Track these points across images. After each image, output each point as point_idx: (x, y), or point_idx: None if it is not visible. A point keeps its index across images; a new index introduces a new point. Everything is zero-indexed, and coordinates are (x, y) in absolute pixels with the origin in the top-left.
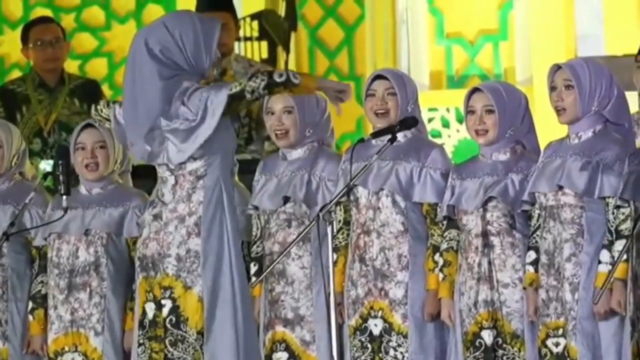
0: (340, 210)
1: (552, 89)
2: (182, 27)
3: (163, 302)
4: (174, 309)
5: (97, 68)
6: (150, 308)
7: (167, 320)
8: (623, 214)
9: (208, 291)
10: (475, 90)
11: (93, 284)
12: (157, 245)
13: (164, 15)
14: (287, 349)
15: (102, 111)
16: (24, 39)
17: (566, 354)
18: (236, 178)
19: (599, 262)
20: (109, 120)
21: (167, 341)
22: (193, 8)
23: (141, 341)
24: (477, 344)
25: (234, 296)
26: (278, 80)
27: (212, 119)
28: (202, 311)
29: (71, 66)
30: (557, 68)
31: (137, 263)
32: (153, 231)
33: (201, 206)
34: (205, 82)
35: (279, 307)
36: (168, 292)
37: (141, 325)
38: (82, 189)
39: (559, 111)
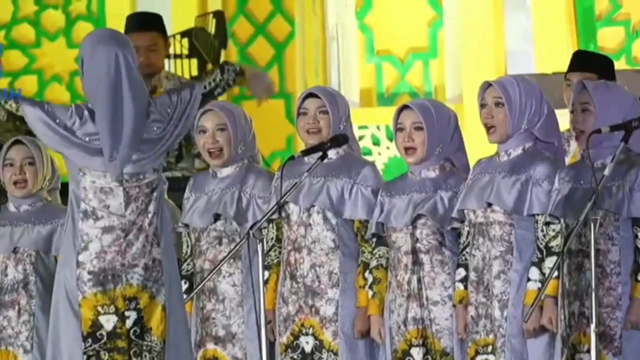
0: (273, 228)
1: (482, 106)
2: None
3: (127, 313)
4: (139, 320)
5: (27, 85)
6: (108, 320)
7: (132, 331)
8: (553, 230)
9: (169, 300)
10: (404, 107)
11: (22, 301)
12: (118, 257)
13: (113, 30)
14: None
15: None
16: None
17: None
18: (165, 196)
19: (528, 280)
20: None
21: (131, 352)
22: (123, 24)
23: (90, 353)
24: None
25: (184, 305)
26: (235, 72)
27: (187, 120)
28: (166, 320)
29: (1, 83)
30: (487, 85)
31: (85, 277)
32: (108, 243)
33: (156, 217)
34: None
35: (210, 324)
36: (133, 303)
37: (91, 337)
38: (11, 207)
39: (488, 129)
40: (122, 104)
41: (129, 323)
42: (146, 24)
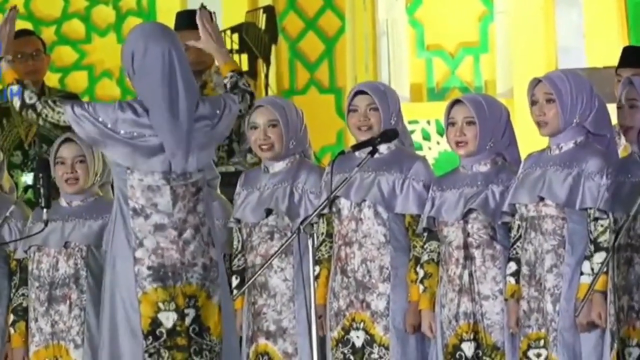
0: (323, 222)
1: (533, 102)
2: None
3: (186, 311)
4: (197, 318)
5: (78, 81)
6: (168, 317)
7: (191, 329)
8: (602, 225)
9: (225, 300)
10: (456, 101)
11: (73, 296)
12: (177, 254)
13: (160, 24)
14: None
15: (47, 116)
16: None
17: None
18: (218, 190)
19: (581, 274)
20: (52, 123)
21: (191, 350)
22: (172, 23)
23: (152, 351)
24: (457, 356)
25: (232, 304)
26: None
27: (228, 125)
28: (221, 321)
29: (51, 79)
30: (537, 82)
31: (144, 272)
32: (164, 240)
33: (207, 218)
34: None
35: (261, 319)
36: (192, 301)
37: (151, 334)
38: (62, 202)
39: (540, 125)
40: (177, 100)
41: (188, 320)
42: (196, 22)
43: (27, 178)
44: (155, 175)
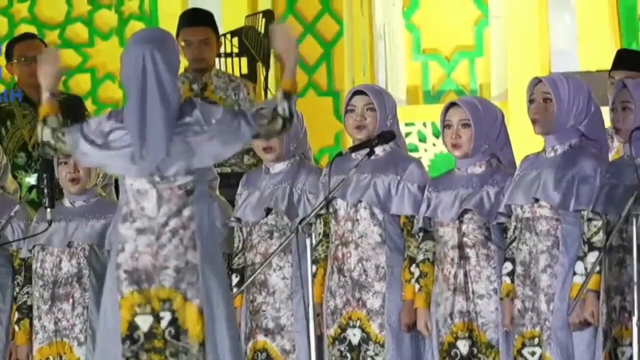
0: (320, 223)
1: (531, 101)
2: (176, 46)
3: (162, 314)
4: (173, 321)
5: (81, 84)
6: (144, 320)
7: (167, 332)
8: (595, 226)
9: (208, 304)
10: (452, 104)
11: (76, 294)
12: (150, 257)
13: (153, 30)
14: (268, 357)
15: (61, 149)
16: (8, 55)
17: None
18: (217, 191)
19: (574, 274)
20: (57, 150)
21: (167, 352)
22: (175, 23)
23: (128, 355)
24: (452, 354)
25: (228, 309)
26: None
27: (227, 147)
28: (203, 323)
29: None
30: (537, 81)
31: (122, 276)
32: (142, 245)
33: (193, 222)
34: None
35: (260, 316)
36: (167, 304)
37: (129, 338)
38: (66, 202)
39: (535, 122)
40: (146, 103)
41: (163, 323)
42: (199, 19)
43: (31, 179)
44: (142, 179)
